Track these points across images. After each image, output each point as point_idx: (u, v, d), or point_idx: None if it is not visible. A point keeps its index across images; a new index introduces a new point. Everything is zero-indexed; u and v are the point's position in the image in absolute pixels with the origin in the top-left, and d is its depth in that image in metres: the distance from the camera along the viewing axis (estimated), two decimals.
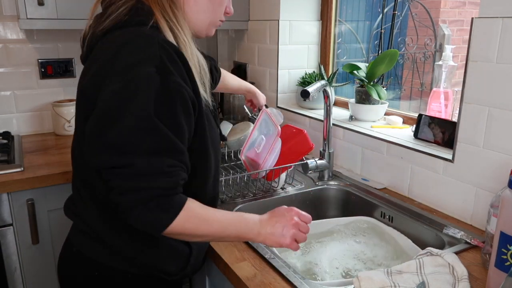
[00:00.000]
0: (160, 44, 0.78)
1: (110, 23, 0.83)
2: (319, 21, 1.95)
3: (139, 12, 0.82)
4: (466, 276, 0.86)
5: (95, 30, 0.86)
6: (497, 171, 1.08)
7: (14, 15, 1.79)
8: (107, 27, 0.84)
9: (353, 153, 1.55)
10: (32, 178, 1.40)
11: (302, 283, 0.89)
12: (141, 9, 0.82)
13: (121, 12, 0.83)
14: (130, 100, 0.74)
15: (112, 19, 0.83)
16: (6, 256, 1.43)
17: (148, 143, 0.75)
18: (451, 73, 1.40)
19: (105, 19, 0.84)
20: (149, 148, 0.75)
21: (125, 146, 0.74)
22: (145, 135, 0.75)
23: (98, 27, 0.85)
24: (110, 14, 0.84)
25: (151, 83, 0.75)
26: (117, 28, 0.83)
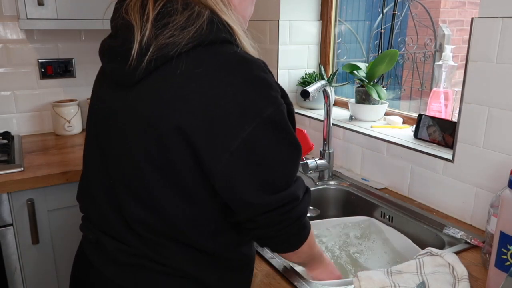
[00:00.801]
0: (264, 64, 0.71)
1: (193, 37, 0.68)
2: (319, 21, 1.95)
3: (219, 27, 0.70)
4: (466, 276, 0.86)
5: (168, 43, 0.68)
6: (497, 171, 1.08)
7: (14, 15, 1.79)
8: (191, 42, 0.68)
9: (353, 153, 1.55)
10: (32, 178, 1.40)
11: (302, 283, 0.89)
12: (220, 23, 0.71)
13: (201, 26, 0.69)
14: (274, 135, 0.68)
15: (194, 33, 0.68)
16: (6, 256, 1.43)
17: (297, 169, 0.75)
18: (451, 73, 1.40)
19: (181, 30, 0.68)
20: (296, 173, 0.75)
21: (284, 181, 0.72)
22: (299, 162, 0.74)
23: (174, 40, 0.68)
24: (186, 26, 0.68)
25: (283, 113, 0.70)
26: (203, 45, 0.69)
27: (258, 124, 0.66)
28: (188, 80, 0.67)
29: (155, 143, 0.69)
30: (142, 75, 0.70)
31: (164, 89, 0.69)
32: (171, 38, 0.68)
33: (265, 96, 0.67)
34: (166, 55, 0.68)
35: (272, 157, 0.69)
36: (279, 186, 0.71)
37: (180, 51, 0.67)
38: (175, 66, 0.68)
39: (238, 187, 0.69)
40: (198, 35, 0.68)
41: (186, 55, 0.68)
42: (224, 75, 0.67)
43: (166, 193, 0.72)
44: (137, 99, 0.71)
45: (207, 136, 0.66)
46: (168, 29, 0.68)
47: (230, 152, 0.66)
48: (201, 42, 0.68)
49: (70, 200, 1.48)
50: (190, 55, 0.68)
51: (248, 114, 0.65)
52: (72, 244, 1.52)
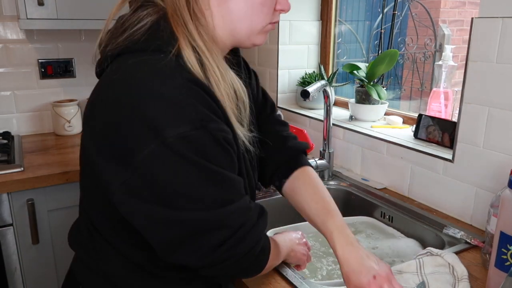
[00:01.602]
0: (188, 86, 0.63)
1: (124, 42, 0.67)
2: (319, 21, 1.95)
3: (158, 34, 0.66)
4: (466, 276, 0.86)
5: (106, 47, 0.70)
6: (497, 171, 1.08)
7: (14, 15, 1.79)
8: (119, 48, 0.68)
9: (353, 153, 1.55)
10: (32, 178, 1.40)
11: (302, 283, 0.89)
12: (161, 30, 0.66)
13: (138, 30, 0.67)
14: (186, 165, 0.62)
15: (126, 38, 0.67)
16: (6, 256, 1.43)
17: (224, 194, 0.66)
18: (451, 73, 1.40)
19: (119, 35, 0.69)
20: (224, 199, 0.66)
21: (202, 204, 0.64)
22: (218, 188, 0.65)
23: (111, 44, 0.69)
24: (126, 28, 0.68)
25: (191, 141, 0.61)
26: (130, 52, 0.67)
27: (157, 146, 0.60)
28: (104, 86, 0.68)
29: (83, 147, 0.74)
30: (97, 73, 0.75)
31: (94, 92, 0.71)
32: (113, 44, 0.69)
33: (169, 120, 0.60)
34: (104, 59, 0.70)
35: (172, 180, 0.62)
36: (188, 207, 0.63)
37: (111, 55, 0.69)
38: (107, 71, 0.70)
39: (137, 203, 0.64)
40: (129, 41, 0.67)
41: (114, 60, 0.69)
42: (135, 89, 0.62)
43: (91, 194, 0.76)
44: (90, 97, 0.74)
45: (108, 150, 0.64)
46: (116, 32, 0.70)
47: (127, 171, 0.62)
48: (129, 49, 0.67)
49: (70, 200, 1.47)
50: (117, 60, 0.68)
51: (148, 135, 0.60)
52: None
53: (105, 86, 0.68)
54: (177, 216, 0.63)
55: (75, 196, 1.48)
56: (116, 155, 0.63)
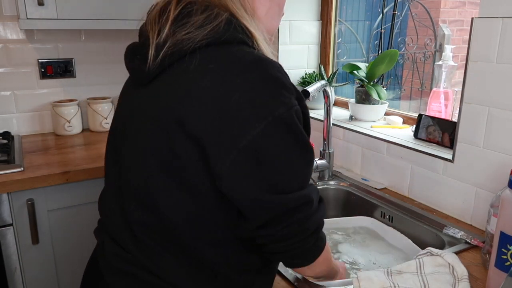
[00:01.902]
0: (280, 66, 0.69)
1: (208, 34, 0.68)
2: (319, 21, 1.95)
3: (237, 29, 0.70)
4: (466, 276, 0.86)
5: (183, 40, 0.68)
6: (497, 171, 1.08)
7: (14, 15, 1.78)
8: (206, 39, 0.68)
9: (353, 153, 1.55)
10: (32, 178, 1.40)
11: (302, 283, 0.89)
12: (238, 26, 0.71)
13: (218, 25, 0.69)
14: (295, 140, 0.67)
15: (210, 31, 0.68)
16: (6, 256, 1.43)
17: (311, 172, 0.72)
18: (451, 73, 1.40)
19: (196, 29, 0.69)
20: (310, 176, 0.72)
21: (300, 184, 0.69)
22: (311, 166, 0.71)
23: (189, 37, 0.68)
24: (203, 25, 0.69)
25: (299, 115, 0.68)
26: (217, 44, 0.69)
27: (269, 123, 0.64)
28: (200, 75, 0.67)
29: (162, 138, 0.68)
30: (157, 70, 0.70)
31: (176, 84, 0.68)
32: (187, 35, 0.68)
33: (278, 96, 0.65)
34: (180, 51, 0.68)
35: (282, 158, 0.66)
36: (289, 187, 0.67)
37: (194, 47, 0.67)
38: (189, 62, 0.68)
39: (245, 187, 0.66)
40: (214, 33, 0.68)
41: (200, 51, 0.68)
42: (238, 72, 0.65)
43: (168, 190, 0.69)
44: (151, 95, 0.72)
45: (215, 132, 0.64)
46: (186, 28, 0.69)
47: (238, 150, 0.64)
48: (217, 40, 0.68)
49: (70, 200, 1.47)
50: (204, 51, 0.68)
51: (259, 112, 0.64)
52: (72, 244, 1.52)
53: (202, 75, 0.67)
54: (281, 198, 0.67)
55: (75, 196, 1.49)
56: (225, 136, 0.64)
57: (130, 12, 1.70)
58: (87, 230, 1.52)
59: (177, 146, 0.67)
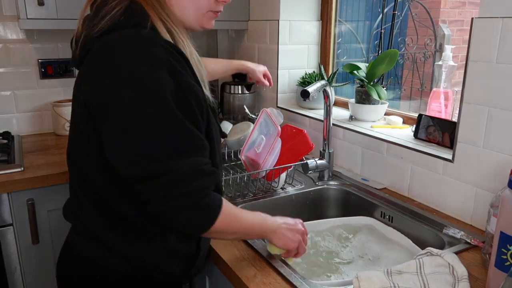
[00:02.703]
0: (164, 46, 0.77)
1: (105, 24, 0.80)
2: (319, 21, 1.95)
3: (134, 13, 0.80)
4: (466, 276, 0.86)
5: (89, 32, 0.82)
6: (497, 171, 1.08)
7: (14, 15, 1.79)
8: (102, 29, 0.80)
9: (353, 153, 1.55)
10: (32, 178, 1.40)
11: (302, 283, 0.89)
12: (135, 9, 0.80)
13: (116, 13, 0.80)
14: (153, 106, 0.74)
15: (107, 20, 0.80)
16: (6, 256, 1.43)
17: (183, 145, 0.76)
18: (451, 73, 1.40)
19: (99, 20, 0.80)
20: (185, 150, 0.76)
21: (162, 153, 0.75)
22: (179, 138, 0.75)
23: (92, 29, 0.81)
24: (104, 15, 0.80)
25: (166, 87, 0.74)
26: (113, 30, 0.79)
27: (137, 93, 0.73)
28: (93, 60, 0.81)
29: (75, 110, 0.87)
30: (78, 59, 0.86)
31: (84, 69, 0.84)
32: (93, 27, 0.80)
33: (148, 69, 0.74)
34: (87, 42, 0.82)
35: (149, 126, 0.74)
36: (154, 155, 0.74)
37: (95, 37, 0.80)
38: (93, 50, 0.81)
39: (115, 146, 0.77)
40: (110, 22, 0.79)
41: (97, 41, 0.80)
42: (118, 50, 0.76)
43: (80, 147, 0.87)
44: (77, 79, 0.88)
45: (100, 106, 0.77)
46: (93, 21, 0.81)
47: (113, 116, 0.75)
48: (112, 26, 0.79)
49: None
50: (101, 40, 0.80)
51: (130, 83, 0.73)
52: None
53: (93, 59, 0.81)
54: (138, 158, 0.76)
55: None
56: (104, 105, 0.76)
57: None
58: None
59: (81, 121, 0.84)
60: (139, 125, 0.74)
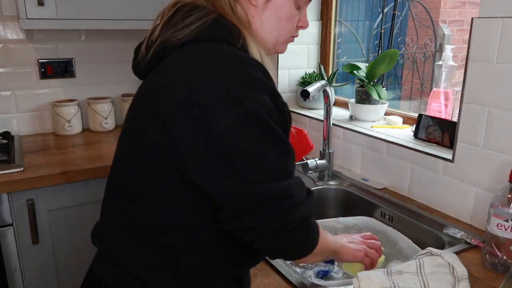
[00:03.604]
0: (259, 66, 0.71)
1: (191, 33, 0.72)
2: (319, 21, 1.95)
3: (223, 27, 0.73)
4: (466, 276, 0.86)
5: (168, 38, 0.74)
6: (497, 171, 1.08)
7: (14, 15, 1.78)
8: (186, 37, 0.72)
9: (353, 153, 1.55)
10: (32, 178, 1.40)
11: (302, 283, 0.89)
12: (225, 24, 0.74)
13: (203, 24, 0.73)
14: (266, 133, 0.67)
15: (194, 29, 0.72)
16: (6, 256, 1.43)
17: (291, 167, 0.71)
18: (451, 73, 1.40)
19: (183, 28, 0.73)
20: (291, 171, 0.71)
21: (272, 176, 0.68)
22: (288, 160, 0.70)
23: (173, 36, 0.73)
24: (189, 24, 0.73)
25: (270, 110, 0.68)
26: (198, 41, 0.72)
27: (238, 116, 0.65)
28: (176, 69, 0.71)
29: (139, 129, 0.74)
30: (147, 67, 0.77)
31: (157, 79, 0.74)
32: (174, 33, 0.73)
33: (247, 91, 0.67)
34: (163, 48, 0.74)
35: (249, 149, 0.66)
36: (259, 177, 0.67)
37: (175, 44, 0.73)
38: (172, 58, 0.73)
39: (213, 174, 0.66)
40: (198, 31, 0.72)
41: (181, 48, 0.72)
42: (212, 67, 0.68)
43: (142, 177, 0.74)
44: (142, 90, 0.78)
45: (185, 123, 0.66)
46: (175, 27, 0.74)
47: (207, 140, 0.65)
48: (197, 38, 0.72)
49: (70, 200, 1.48)
50: (185, 48, 0.72)
51: (228, 105, 0.65)
52: (72, 244, 1.52)
53: (177, 68, 0.71)
54: (252, 187, 0.66)
55: (75, 196, 1.49)
56: (194, 125, 0.66)
57: (130, 12, 1.70)
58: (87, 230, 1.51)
59: (148, 137, 0.71)
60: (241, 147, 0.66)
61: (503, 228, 0.91)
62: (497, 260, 0.94)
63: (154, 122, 0.70)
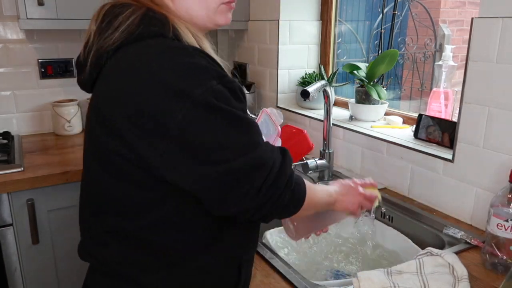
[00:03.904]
0: (197, 51, 0.70)
1: (121, 35, 0.70)
2: (319, 21, 1.95)
3: (152, 22, 0.71)
4: (466, 276, 0.86)
5: (102, 45, 0.72)
6: (497, 171, 1.08)
7: (14, 15, 1.79)
8: (118, 41, 0.70)
9: (353, 153, 1.55)
10: (32, 178, 1.40)
11: (302, 283, 0.89)
12: (154, 17, 0.72)
13: (132, 23, 0.70)
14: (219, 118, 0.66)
15: (123, 31, 0.70)
16: (6, 256, 1.43)
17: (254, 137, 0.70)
18: (451, 73, 1.40)
19: (113, 31, 0.71)
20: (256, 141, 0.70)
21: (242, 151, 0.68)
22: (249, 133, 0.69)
23: (105, 42, 0.71)
24: (118, 26, 0.71)
25: (220, 92, 0.67)
26: (131, 42, 0.70)
27: (189, 108, 0.64)
28: (115, 76, 0.71)
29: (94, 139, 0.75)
30: (89, 80, 0.77)
31: (100, 88, 0.74)
32: (106, 40, 0.72)
33: (191, 80, 0.65)
34: (99, 57, 0.73)
35: (210, 135, 0.66)
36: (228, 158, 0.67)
37: (109, 51, 0.71)
38: (108, 67, 0.72)
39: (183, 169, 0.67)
40: (127, 33, 0.71)
41: (115, 54, 0.71)
42: (149, 65, 0.67)
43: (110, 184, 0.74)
44: (92, 106, 0.77)
45: (140, 127, 0.66)
46: (106, 32, 0.72)
47: (166, 140, 0.65)
48: (129, 39, 0.71)
49: (70, 200, 1.47)
50: (119, 53, 0.71)
51: (178, 100, 0.64)
52: (72, 244, 1.52)
53: (115, 76, 0.71)
54: (220, 169, 0.66)
55: (75, 196, 1.48)
56: (148, 131, 0.66)
57: None
58: None
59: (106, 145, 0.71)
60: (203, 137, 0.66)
61: (503, 228, 0.91)
62: (497, 260, 0.94)
63: (113, 139, 0.70)
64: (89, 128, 0.78)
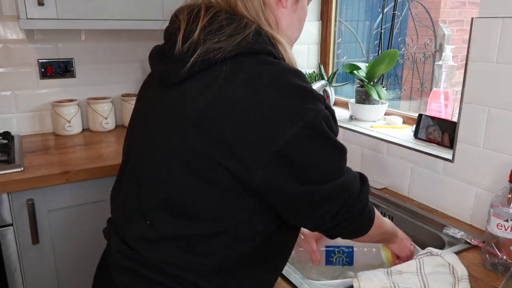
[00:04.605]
0: (304, 75, 0.73)
1: (238, 45, 0.70)
2: (319, 21, 1.95)
3: (265, 41, 0.73)
4: (466, 276, 0.86)
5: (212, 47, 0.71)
6: (497, 171, 1.08)
7: (14, 15, 1.78)
8: (236, 50, 0.70)
9: (353, 153, 1.55)
10: (32, 178, 1.40)
11: (302, 283, 0.89)
12: (266, 36, 0.74)
13: (248, 35, 0.71)
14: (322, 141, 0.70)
15: (241, 41, 0.71)
16: (6, 256, 1.43)
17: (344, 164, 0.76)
18: (451, 73, 1.40)
19: (227, 37, 0.71)
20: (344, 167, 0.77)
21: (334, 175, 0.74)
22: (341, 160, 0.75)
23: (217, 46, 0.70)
24: (231, 34, 0.71)
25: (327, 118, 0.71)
26: (245, 54, 0.71)
27: (299, 129, 0.67)
28: (230, 84, 0.69)
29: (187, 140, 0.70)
30: (186, 75, 0.72)
31: (205, 91, 0.70)
32: (218, 43, 0.70)
33: (306, 104, 0.68)
34: (211, 59, 0.70)
35: (311, 158, 0.70)
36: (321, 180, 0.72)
37: (225, 56, 0.70)
38: (219, 70, 0.70)
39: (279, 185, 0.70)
40: (244, 43, 0.71)
41: (230, 61, 0.70)
42: (267, 82, 0.68)
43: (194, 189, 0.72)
44: (178, 98, 0.74)
45: (249, 139, 0.67)
46: (217, 36, 0.71)
47: (270, 155, 0.67)
48: (246, 50, 0.71)
49: (70, 200, 1.47)
50: (234, 60, 0.70)
51: (289, 120, 0.67)
52: (72, 244, 1.52)
53: (232, 83, 0.70)
54: (310, 189, 0.71)
55: (75, 196, 1.49)
56: (256, 145, 0.67)
57: (130, 12, 1.70)
58: (87, 230, 1.52)
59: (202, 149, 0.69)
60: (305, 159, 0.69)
61: (503, 228, 0.91)
62: (497, 260, 0.94)
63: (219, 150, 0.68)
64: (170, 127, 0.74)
